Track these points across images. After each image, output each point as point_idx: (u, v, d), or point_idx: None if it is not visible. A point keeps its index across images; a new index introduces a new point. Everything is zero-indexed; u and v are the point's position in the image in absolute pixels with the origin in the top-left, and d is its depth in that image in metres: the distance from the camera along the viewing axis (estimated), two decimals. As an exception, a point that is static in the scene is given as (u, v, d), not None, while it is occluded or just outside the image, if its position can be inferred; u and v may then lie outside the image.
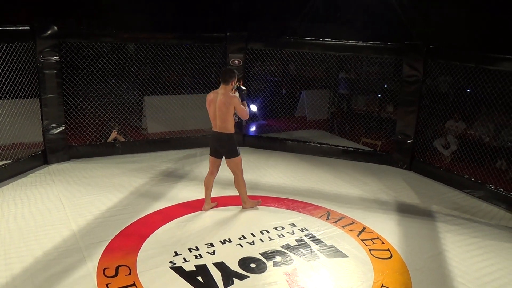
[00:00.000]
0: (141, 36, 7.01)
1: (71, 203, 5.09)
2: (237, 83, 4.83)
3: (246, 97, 4.98)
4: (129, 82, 7.41)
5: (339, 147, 7.36)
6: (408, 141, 6.75)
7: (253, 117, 8.78)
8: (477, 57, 5.91)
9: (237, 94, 4.76)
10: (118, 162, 6.58)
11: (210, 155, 4.96)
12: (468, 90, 6.90)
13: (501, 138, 7.15)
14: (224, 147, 4.79)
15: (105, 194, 5.36)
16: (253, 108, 8.72)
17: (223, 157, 4.92)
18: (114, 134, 6.97)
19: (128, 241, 4.28)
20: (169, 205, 5.12)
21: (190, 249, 4.16)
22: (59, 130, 6.33)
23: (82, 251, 4.06)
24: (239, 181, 4.94)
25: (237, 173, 4.90)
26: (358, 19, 15.41)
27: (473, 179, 6.04)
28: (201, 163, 6.69)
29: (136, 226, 4.59)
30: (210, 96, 4.76)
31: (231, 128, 4.72)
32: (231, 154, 4.79)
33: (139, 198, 5.29)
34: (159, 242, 4.28)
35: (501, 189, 5.73)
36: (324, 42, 7.05)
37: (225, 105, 4.60)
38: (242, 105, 4.68)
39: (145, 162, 6.63)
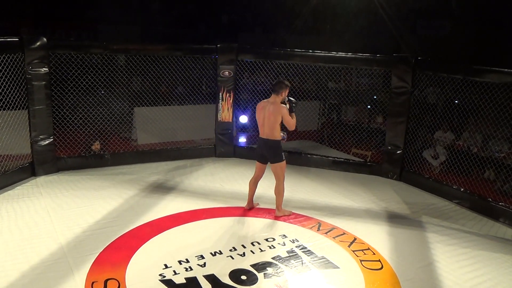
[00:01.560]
0: (132, 48, 7.01)
1: (58, 215, 5.01)
2: (287, 96, 5.00)
3: (295, 109, 5.08)
4: (119, 93, 7.38)
5: (329, 158, 7.38)
6: (398, 152, 6.80)
7: (243, 128, 8.79)
8: (464, 69, 6.01)
9: (287, 106, 4.97)
10: (107, 173, 6.52)
11: (257, 160, 5.24)
12: (456, 102, 7.00)
13: (488, 148, 7.24)
14: (271, 152, 5.03)
15: (93, 207, 5.29)
16: (244, 119, 8.75)
17: (268, 163, 5.16)
18: (96, 145, 6.91)
19: (117, 254, 4.22)
20: (159, 217, 5.07)
21: (180, 262, 4.11)
22: (47, 141, 6.26)
23: (69, 264, 3.99)
24: (280, 187, 5.15)
25: (280, 178, 5.10)
26: (347, 31, 15.60)
27: (462, 189, 6.09)
28: (191, 174, 6.66)
29: (125, 239, 4.53)
30: (261, 104, 5.00)
31: (277, 136, 4.98)
32: (277, 159, 5.03)
33: (128, 210, 5.24)
34: (149, 254, 4.23)
35: (490, 199, 5.78)
36: (313, 54, 7.11)
37: (274, 115, 4.86)
38: (290, 116, 4.92)
39: (134, 173, 6.58)
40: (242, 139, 8.70)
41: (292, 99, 5.07)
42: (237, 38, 15.14)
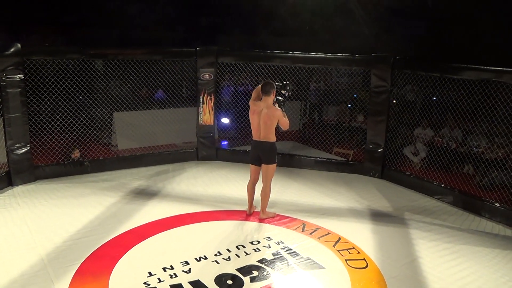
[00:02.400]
0: (109, 52, 6.89)
1: (37, 226, 4.88)
2: (274, 97, 5.03)
3: (284, 107, 5.08)
4: (98, 98, 7.24)
5: (311, 158, 7.41)
6: (379, 150, 6.87)
7: (225, 130, 8.75)
8: (441, 67, 6.12)
9: (277, 105, 5.01)
10: (87, 181, 6.39)
11: (251, 163, 5.23)
12: (434, 98, 7.11)
13: (467, 143, 7.37)
14: (266, 154, 5.03)
15: (74, 215, 5.17)
16: (225, 121, 8.71)
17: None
18: (76, 153, 6.77)
19: (99, 263, 4.13)
20: (142, 224, 4.99)
21: (164, 269, 4.05)
22: (24, 150, 6.10)
23: (50, 276, 3.89)
24: (266, 189, 5.16)
25: (268, 179, 5.13)
26: (326, 31, 15.71)
27: (442, 185, 6.19)
28: (173, 179, 6.59)
29: (108, 247, 4.44)
30: (253, 107, 5.01)
31: (273, 138, 5.02)
32: (270, 160, 5.05)
33: (110, 218, 5.14)
34: (132, 262, 4.16)
35: (469, 194, 5.88)
36: (293, 55, 7.13)
37: (270, 119, 4.92)
38: (284, 119, 4.96)
39: (115, 180, 6.47)
40: (224, 142, 8.65)
41: (280, 98, 5.07)
42: (216, 40, 15.07)
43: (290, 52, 7.18)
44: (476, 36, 13.26)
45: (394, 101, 6.90)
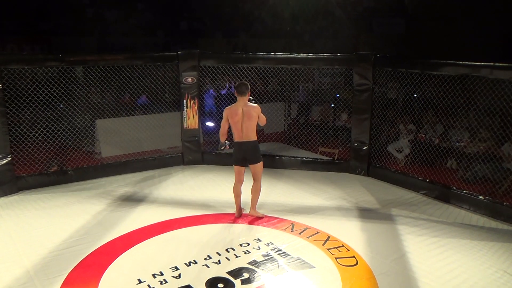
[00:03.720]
0: (89, 59, 6.80)
1: (22, 238, 4.77)
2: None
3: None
4: (79, 106, 7.13)
5: (297, 158, 7.43)
6: (364, 148, 6.93)
7: (210, 133, 8.71)
8: (422, 63, 6.21)
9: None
10: (71, 190, 6.28)
11: (236, 165, 5.23)
12: (415, 95, 7.21)
13: (449, 138, 7.49)
14: (251, 153, 5.10)
15: (59, 225, 5.08)
16: (210, 124, 8.66)
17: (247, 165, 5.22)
18: (54, 169, 6.64)
19: (87, 272, 4.06)
20: (129, 231, 4.92)
21: (154, 275, 4.00)
22: (4, 161, 5.97)
23: (37, 288, 3.81)
24: (257, 187, 5.24)
25: (259, 177, 5.21)
26: (307, 32, 15.82)
27: (427, 180, 6.28)
28: (159, 184, 6.52)
29: (95, 256, 4.37)
30: (230, 110, 5.08)
31: (255, 136, 5.10)
32: (256, 159, 5.14)
33: (96, 226, 5.05)
34: (121, 270, 4.10)
35: (454, 188, 5.98)
36: (275, 56, 7.15)
37: (252, 115, 5.01)
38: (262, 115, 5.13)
39: (101, 187, 6.37)
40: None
41: (250, 97, 5.20)
42: (198, 44, 15.03)
43: (272, 53, 7.21)
44: (453, 32, 13.52)
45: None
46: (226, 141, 5.24)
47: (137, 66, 7.01)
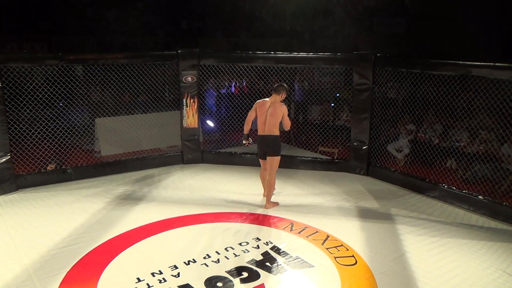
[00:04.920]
0: (89, 57, 6.80)
1: (21, 236, 4.77)
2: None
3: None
4: (79, 104, 7.13)
5: (297, 158, 7.42)
6: (364, 147, 6.92)
7: (210, 132, 8.71)
8: (421, 63, 6.20)
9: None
10: (70, 188, 6.28)
11: (260, 158, 5.64)
12: (416, 95, 7.20)
13: (449, 138, 7.49)
14: (270, 146, 5.42)
15: (58, 224, 5.07)
16: (210, 124, 8.67)
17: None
18: (51, 166, 6.64)
19: (86, 271, 4.06)
20: (129, 230, 4.92)
21: (153, 274, 4.00)
22: (4, 159, 5.97)
23: (36, 286, 3.80)
24: (271, 181, 5.50)
25: (273, 171, 5.47)
26: (307, 31, 15.82)
27: (427, 180, 6.27)
28: (159, 183, 6.52)
29: (94, 255, 4.36)
30: (260, 103, 5.45)
31: (277, 132, 5.41)
32: (275, 152, 5.44)
33: (95, 225, 5.05)
34: (120, 269, 4.09)
35: (454, 188, 5.97)
36: (275, 55, 7.14)
37: (276, 112, 5.34)
38: (287, 118, 5.43)
39: (100, 186, 6.37)
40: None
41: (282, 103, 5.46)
42: (198, 43, 15.04)
43: (272, 52, 7.20)
44: (453, 32, 13.52)
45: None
46: (250, 138, 5.58)
47: (137, 65, 7.00)
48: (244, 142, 5.62)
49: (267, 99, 5.47)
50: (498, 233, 5.06)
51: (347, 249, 4.53)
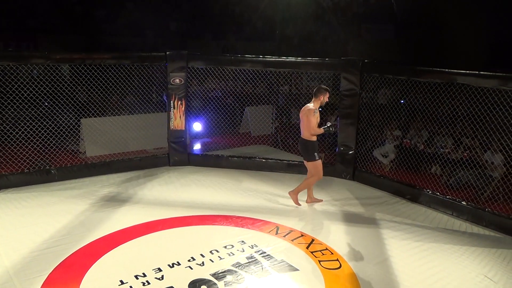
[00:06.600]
0: (76, 57, 6.73)
1: (2, 237, 4.68)
2: (330, 124, 5.58)
3: (327, 130, 5.56)
4: (64, 104, 7.04)
5: (284, 161, 7.44)
6: (350, 152, 6.97)
7: (196, 135, 8.69)
8: (408, 70, 6.26)
9: (328, 124, 5.57)
10: (54, 189, 6.19)
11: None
12: (402, 102, 7.28)
13: (434, 145, 7.58)
14: (302, 151, 5.62)
15: (40, 225, 4.99)
16: (197, 126, 8.65)
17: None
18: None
19: (68, 273, 4.00)
20: (113, 232, 4.86)
21: (136, 276, 3.96)
22: (-14, 158, 5.87)
23: (15, 288, 3.74)
24: (309, 180, 5.65)
25: (312, 175, 5.60)
26: (296, 36, 15.89)
27: (412, 186, 6.33)
28: (144, 185, 6.47)
29: (77, 257, 4.31)
30: (303, 108, 5.57)
31: (307, 136, 5.48)
32: (308, 157, 5.57)
33: (78, 227, 4.99)
34: (103, 271, 4.05)
35: (438, 193, 6.04)
36: (264, 59, 7.16)
37: (301, 115, 5.48)
38: (313, 122, 5.36)
39: (84, 187, 6.30)
40: (197, 146, 8.59)
41: (329, 123, 5.62)
42: (187, 45, 14.99)
43: (261, 56, 7.22)
44: (441, 39, 13.71)
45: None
46: (329, 123, 5.61)
47: (125, 66, 6.95)
48: (332, 130, 5.58)
49: (310, 104, 5.50)
50: (480, 238, 5.13)
51: (332, 253, 4.54)
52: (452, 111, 6.45)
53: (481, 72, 5.35)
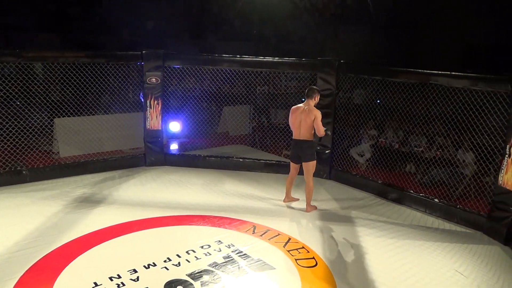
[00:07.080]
0: (49, 55, 6.58)
1: (-30, 240, 4.54)
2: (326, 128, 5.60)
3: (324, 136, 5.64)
4: (37, 104, 6.88)
5: (261, 161, 7.45)
6: (327, 151, 7.03)
7: (173, 135, 8.61)
8: (383, 70, 6.37)
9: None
10: (26, 190, 6.04)
11: (291, 161, 5.77)
12: (378, 101, 7.40)
13: (408, 144, 7.73)
14: (304, 151, 5.51)
15: (11, 227, 4.86)
16: (174, 127, 8.57)
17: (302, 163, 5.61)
18: None
19: (40, 276, 3.91)
20: (86, 233, 4.78)
21: (111, 278, 3.90)
22: (-46, 159, 5.68)
23: (-16, 292, 3.63)
24: (309, 185, 5.59)
25: (309, 175, 5.55)
26: (274, 36, 15.96)
27: (387, 183, 6.44)
28: (120, 185, 6.38)
29: (49, 259, 4.21)
30: (293, 109, 5.56)
31: (311, 137, 5.49)
32: (309, 158, 5.53)
33: (51, 228, 4.88)
34: (76, 273, 3.97)
35: (411, 191, 6.17)
36: (241, 58, 7.15)
37: (309, 116, 5.40)
38: (321, 123, 5.39)
39: (57, 188, 6.16)
40: (174, 146, 8.51)
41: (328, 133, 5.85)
42: (164, 45, 14.86)
43: (238, 56, 7.21)
44: (416, 40, 13.99)
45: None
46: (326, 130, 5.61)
47: (100, 65, 6.83)
48: (328, 133, 5.81)
49: (300, 104, 5.52)
50: (452, 234, 5.27)
51: (308, 251, 4.58)
52: (425, 110, 6.59)
53: (453, 73, 5.49)
